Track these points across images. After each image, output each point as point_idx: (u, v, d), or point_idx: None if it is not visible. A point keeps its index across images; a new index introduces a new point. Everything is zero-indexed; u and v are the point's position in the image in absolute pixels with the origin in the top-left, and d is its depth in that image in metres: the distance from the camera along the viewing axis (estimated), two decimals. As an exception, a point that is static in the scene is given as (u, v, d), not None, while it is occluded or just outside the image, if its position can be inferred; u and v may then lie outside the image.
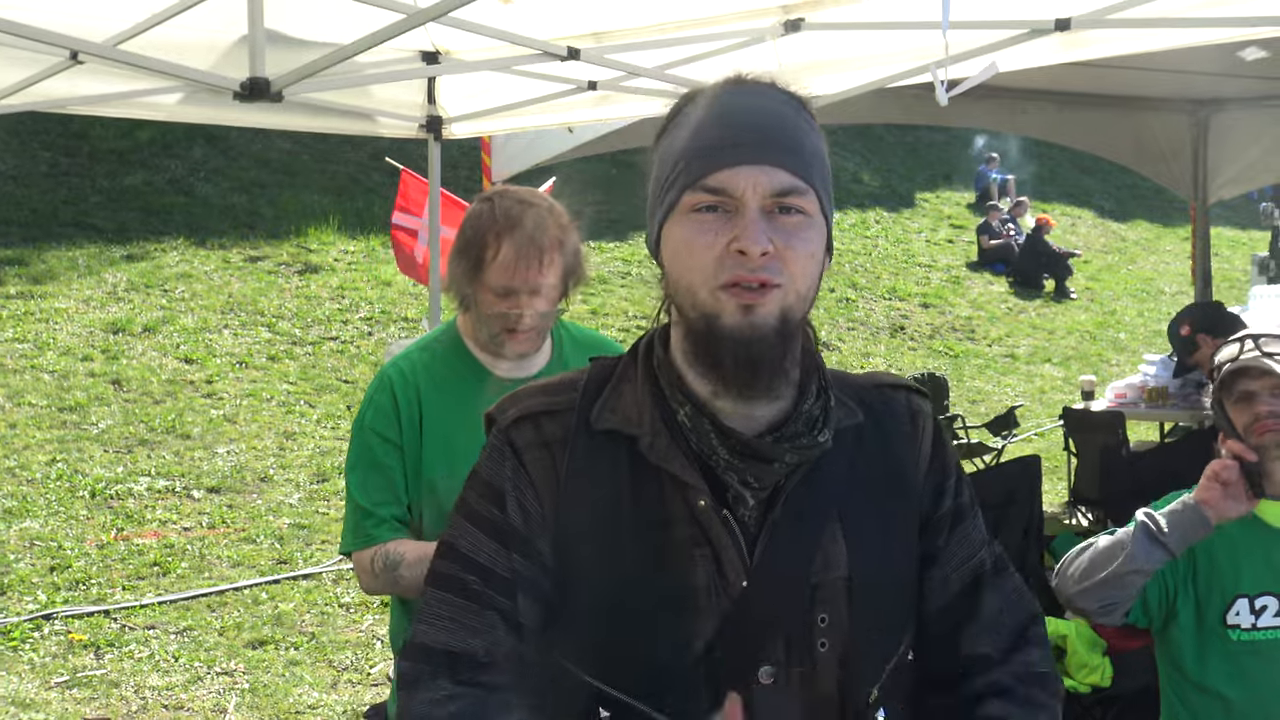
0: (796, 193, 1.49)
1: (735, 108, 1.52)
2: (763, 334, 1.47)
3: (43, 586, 7.34)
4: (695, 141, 1.51)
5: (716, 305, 1.47)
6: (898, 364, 14.93)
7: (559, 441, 1.58)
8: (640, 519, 1.53)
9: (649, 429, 1.55)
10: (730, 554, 1.53)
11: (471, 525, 1.60)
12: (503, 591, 1.55)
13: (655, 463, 1.54)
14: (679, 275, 1.52)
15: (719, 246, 1.47)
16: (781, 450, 1.52)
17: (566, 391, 1.63)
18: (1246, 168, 8.97)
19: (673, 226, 1.52)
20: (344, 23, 4.10)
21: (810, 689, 1.56)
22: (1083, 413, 8.93)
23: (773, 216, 1.48)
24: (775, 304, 1.47)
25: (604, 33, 4.36)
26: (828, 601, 1.56)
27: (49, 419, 9.93)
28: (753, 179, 1.47)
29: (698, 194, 1.49)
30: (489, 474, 1.60)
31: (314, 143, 15.94)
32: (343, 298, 13.31)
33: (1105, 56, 4.32)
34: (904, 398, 1.71)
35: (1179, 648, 2.77)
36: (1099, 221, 23.19)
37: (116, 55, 3.70)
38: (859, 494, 1.60)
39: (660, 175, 1.55)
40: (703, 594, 1.52)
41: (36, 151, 14.20)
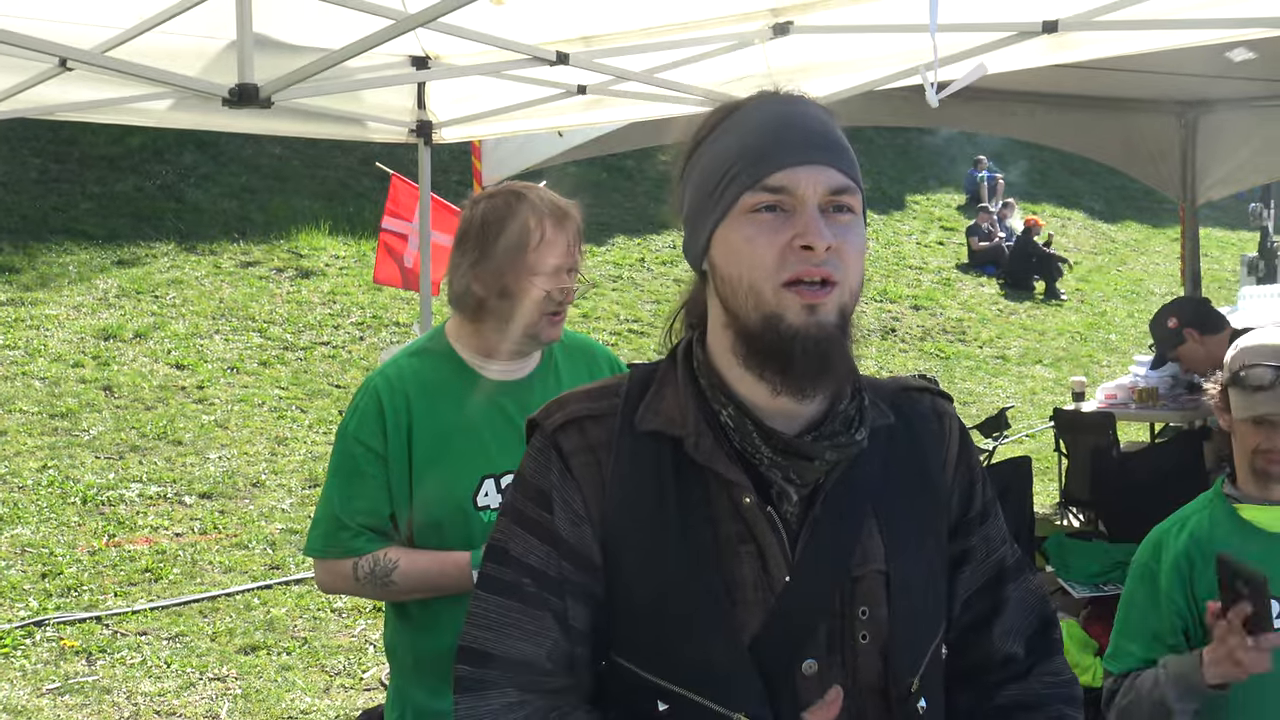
0: (848, 192, 1.55)
1: (785, 114, 1.58)
2: (828, 332, 1.52)
3: (34, 593, 7.33)
4: (751, 145, 1.55)
5: (780, 304, 1.51)
6: (889, 366, 14.94)
7: (604, 445, 1.62)
8: (686, 518, 1.58)
9: (693, 429, 1.59)
10: (774, 550, 1.57)
11: (521, 529, 1.64)
12: (555, 593, 1.60)
13: (701, 462, 1.58)
14: (739, 275, 1.54)
15: (781, 243, 1.51)
16: (822, 448, 1.57)
17: (609, 397, 1.67)
18: (1235, 169, 9.00)
19: (729, 228, 1.56)
20: (333, 28, 4.10)
21: (853, 680, 1.60)
22: (1073, 414, 8.94)
23: (828, 215, 1.53)
24: (835, 302, 1.52)
25: (593, 37, 4.37)
26: (867, 595, 1.61)
27: (40, 425, 9.91)
28: (812, 178, 1.52)
29: (758, 194, 1.53)
30: (536, 478, 1.64)
31: (304, 148, 15.93)
32: (334, 303, 13.30)
33: (1093, 58, 4.33)
34: (929, 400, 1.78)
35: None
36: (1089, 223, 23.24)
37: (105, 63, 3.70)
38: (893, 492, 1.65)
39: (710, 180, 1.58)
40: (749, 589, 1.57)
41: (27, 158, 14.18)
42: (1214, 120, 8.77)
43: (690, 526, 1.58)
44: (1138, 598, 2.78)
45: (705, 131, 1.62)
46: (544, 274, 2.74)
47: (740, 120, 1.59)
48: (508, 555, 1.63)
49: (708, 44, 4.23)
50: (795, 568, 1.58)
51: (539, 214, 2.75)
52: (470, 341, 2.86)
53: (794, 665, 1.58)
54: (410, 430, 2.76)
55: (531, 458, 1.67)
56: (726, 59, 4.30)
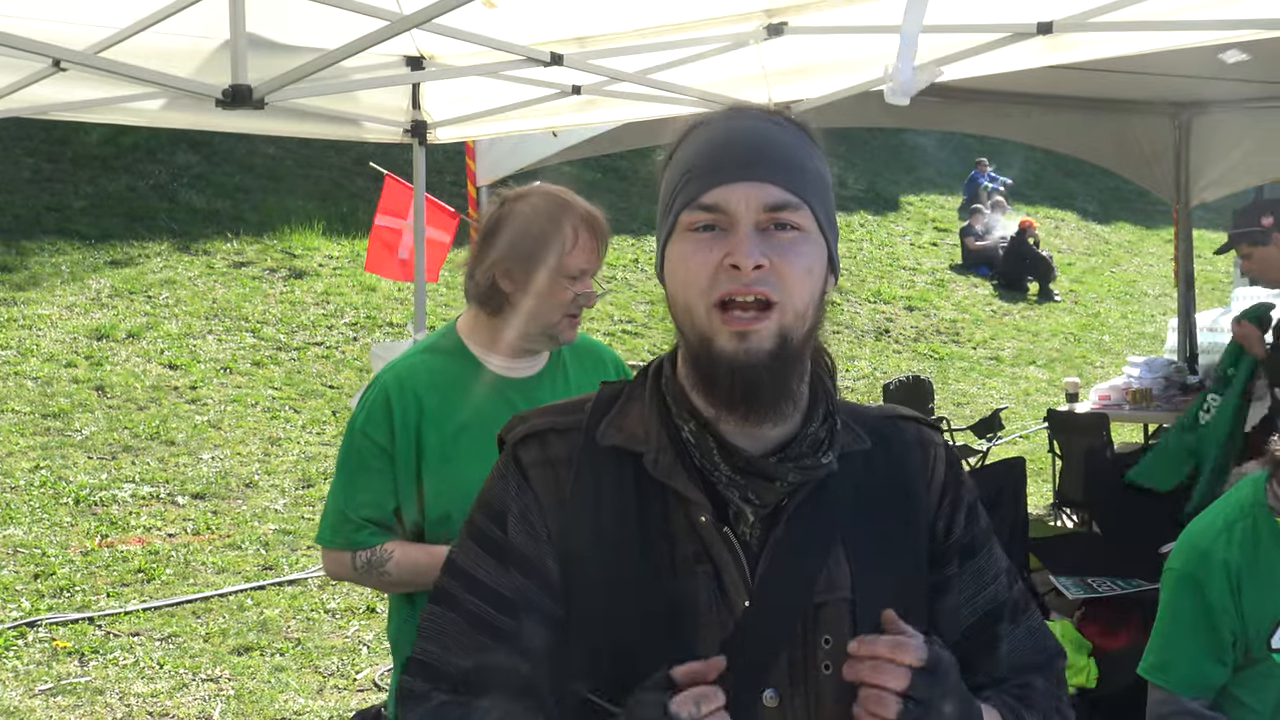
0: (790, 208, 1.50)
1: (733, 130, 1.55)
2: (758, 359, 1.48)
3: (26, 594, 7.32)
4: (694, 163, 1.54)
5: (711, 327, 1.49)
6: (883, 367, 14.95)
7: (564, 461, 1.60)
8: (644, 535, 1.55)
9: (654, 445, 1.57)
10: (732, 571, 1.54)
11: (474, 544, 1.62)
12: (503, 610, 1.57)
13: (659, 478, 1.55)
14: (677, 293, 1.53)
15: (713, 262, 1.49)
16: (784, 469, 1.54)
17: (575, 411, 1.65)
18: (1229, 170, 9.01)
19: (673, 247, 1.55)
20: (328, 28, 4.09)
21: (815, 712, 1.55)
22: (1067, 415, 8.96)
23: (768, 233, 1.49)
24: (772, 325, 1.49)
25: (587, 38, 4.37)
26: (831, 623, 1.56)
27: (32, 425, 9.90)
28: (745, 195, 1.49)
29: (695, 213, 1.51)
30: (492, 493, 1.63)
31: (298, 148, 15.92)
32: (327, 303, 13.29)
33: (1087, 59, 4.34)
34: (914, 429, 1.72)
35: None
36: (1082, 224, 23.27)
37: (98, 63, 3.69)
38: (864, 518, 1.60)
39: (663, 197, 1.59)
40: (705, 610, 1.53)
41: (20, 157, 14.15)
42: (1208, 122, 8.79)
43: (647, 544, 1.54)
44: (1185, 610, 2.72)
45: (673, 147, 1.61)
46: (573, 277, 2.82)
47: (696, 136, 1.58)
48: (457, 569, 1.62)
49: (702, 45, 4.23)
50: (754, 592, 1.54)
51: (577, 219, 2.82)
52: (484, 337, 2.92)
53: (754, 696, 1.53)
54: (419, 427, 2.82)
55: (493, 472, 1.65)
56: (721, 60, 4.30)
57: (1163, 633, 2.77)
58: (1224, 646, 2.67)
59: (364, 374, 11.70)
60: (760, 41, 4.05)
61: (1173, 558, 2.77)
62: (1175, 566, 2.76)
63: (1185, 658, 2.71)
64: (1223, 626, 2.66)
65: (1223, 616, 2.66)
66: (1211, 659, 2.67)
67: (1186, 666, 2.70)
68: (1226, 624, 2.66)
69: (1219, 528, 2.72)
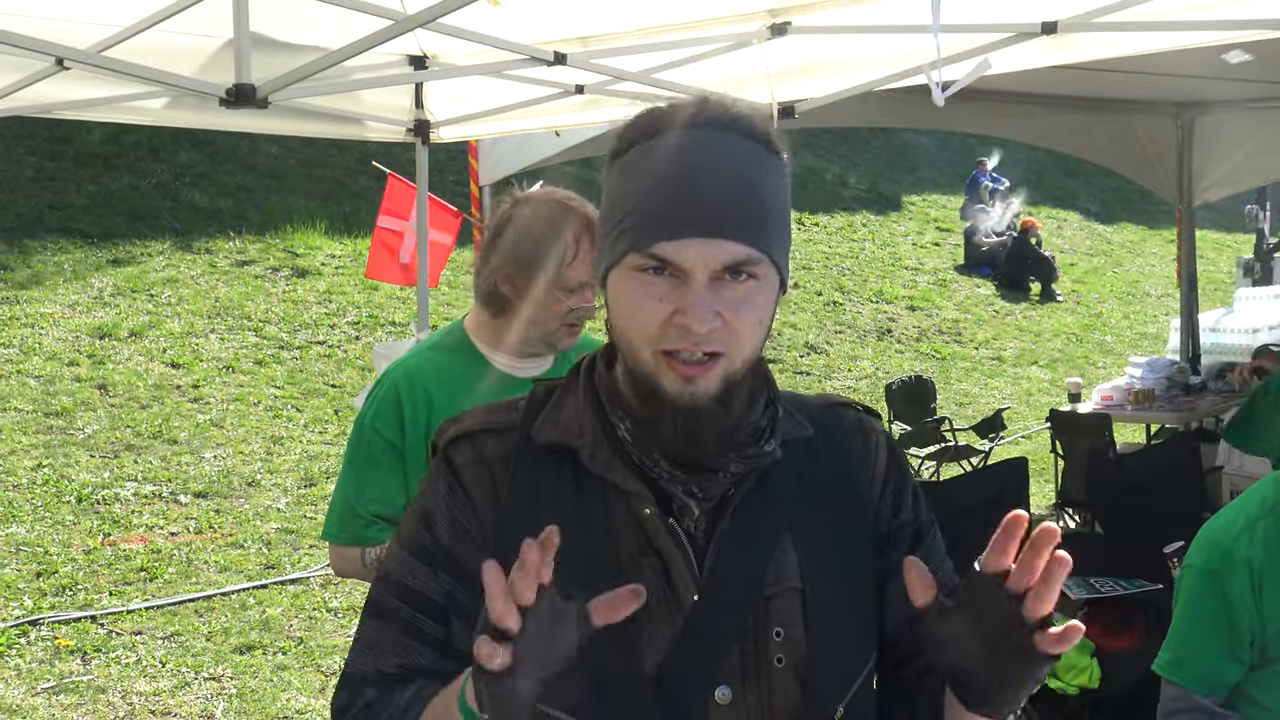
0: (750, 262, 1.42)
1: (694, 165, 1.43)
2: (703, 404, 1.43)
3: (29, 592, 7.32)
4: (648, 200, 1.43)
5: (657, 370, 1.43)
6: (885, 366, 14.95)
7: (499, 460, 1.55)
8: (586, 532, 1.48)
9: (590, 440, 1.52)
10: (679, 565, 1.49)
11: (402, 550, 1.57)
12: (432, 615, 1.52)
13: (597, 472, 1.50)
14: (621, 328, 1.47)
15: (663, 314, 1.41)
16: (726, 460, 1.49)
17: (509, 411, 1.60)
18: (1231, 170, 9.02)
19: (618, 279, 1.46)
20: (331, 28, 4.10)
21: (769, 707, 1.51)
22: (1069, 415, 8.96)
23: (722, 283, 1.41)
24: (719, 373, 1.43)
25: (590, 37, 4.37)
26: (782, 614, 1.53)
27: (35, 424, 9.90)
28: (703, 253, 1.40)
29: (644, 259, 1.42)
30: (422, 497, 1.59)
31: (300, 147, 15.92)
32: (330, 302, 13.29)
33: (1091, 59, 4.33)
34: (854, 416, 1.69)
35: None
36: (1085, 224, 23.26)
37: (101, 62, 3.70)
38: (810, 507, 1.57)
39: (610, 217, 1.47)
40: (653, 605, 1.44)
41: (22, 156, 14.16)
42: (1210, 122, 8.80)
43: (590, 541, 1.48)
44: (1205, 607, 2.69)
45: (624, 146, 1.49)
46: (571, 289, 2.79)
47: (654, 151, 1.45)
48: (387, 578, 1.57)
49: (705, 44, 4.23)
50: (703, 585, 1.49)
51: (580, 227, 2.77)
52: (489, 336, 2.92)
53: (706, 693, 1.49)
54: (429, 424, 2.81)
55: (426, 477, 1.61)
56: (724, 59, 4.30)
57: (1180, 629, 2.75)
58: (1242, 645, 2.66)
59: (366, 373, 11.70)
60: (764, 41, 4.04)
61: (1192, 554, 2.76)
62: (1196, 563, 2.74)
63: (1201, 655, 2.70)
64: (1242, 624, 2.65)
65: (1242, 614, 2.65)
66: (1228, 657, 2.66)
67: (1202, 663, 2.69)
68: (1246, 622, 2.65)
69: (1241, 525, 2.70)
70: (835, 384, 14.18)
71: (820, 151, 21.17)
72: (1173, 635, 2.78)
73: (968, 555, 1.62)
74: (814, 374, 14.40)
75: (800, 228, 18.72)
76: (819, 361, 14.80)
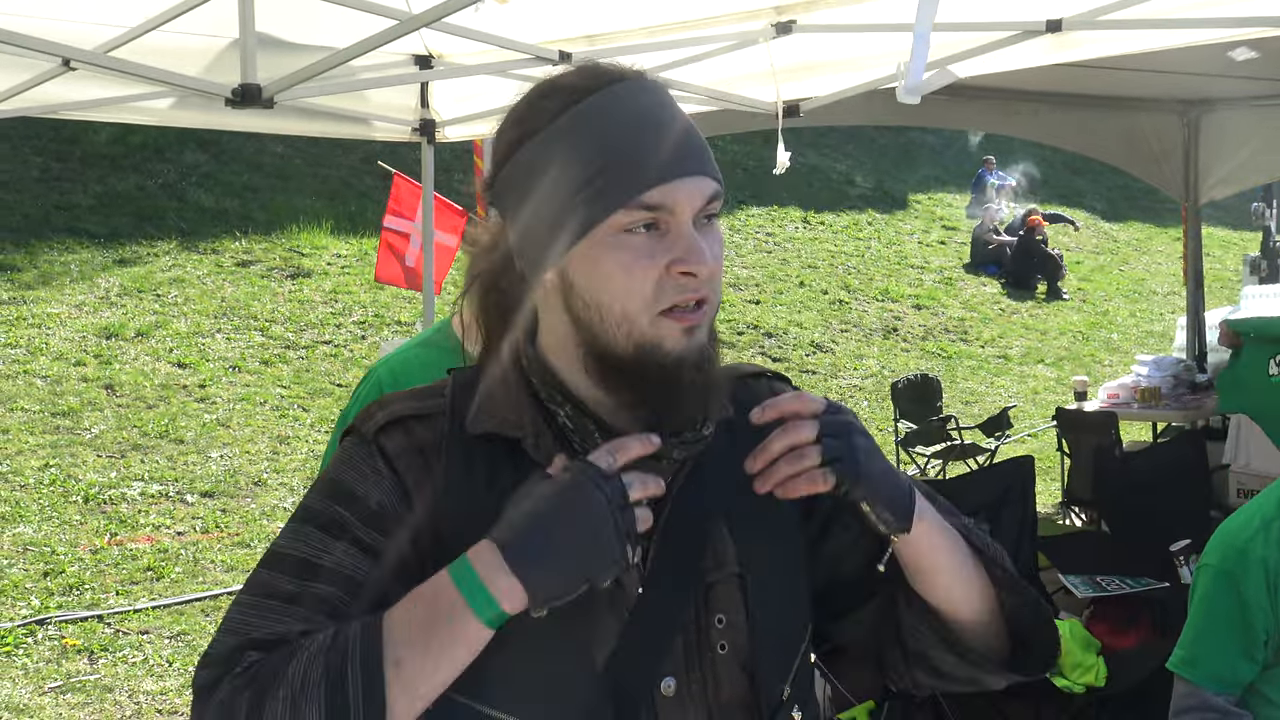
0: (718, 199, 1.43)
1: (650, 112, 1.42)
2: (707, 353, 1.43)
3: (36, 592, 7.33)
4: (620, 152, 1.39)
5: (658, 333, 1.40)
6: (891, 365, 14.94)
7: (432, 447, 1.47)
8: None
9: (531, 429, 1.47)
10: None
11: (299, 524, 1.46)
12: (328, 580, 1.41)
13: (541, 463, 1.43)
14: (609, 302, 1.40)
15: (658, 269, 1.38)
16: (669, 447, 1.44)
17: (434, 397, 1.53)
18: (1237, 168, 9.01)
19: (596, 248, 1.40)
20: (337, 27, 4.10)
21: (714, 696, 1.49)
22: (1076, 413, 8.94)
23: (700, 228, 1.41)
24: (707, 322, 1.43)
25: (596, 36, 4.37)
26: (723, 601, 1.50)
27: (42, 424, 9.92)
28: (690, 193, 1.39)
29: (633, 213, 1.37)
30: (341, 475, 1.47)
31: (306, 146, 15.93)
32: (335, 301, 13.30)
33: (1096, 57, 4.33)
34: (765, 385, 1.67)
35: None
36: (1091, 222, 23.22)
37: (108, 63, 3.70)
38: (739, 488, 1.51)
39: (564, 185, 1.40)
40: (600, 602, 1.42)
41: (28, 156, 14.17)
42: (1216, 119, 8.78)
43: None
44: (1220, 607, 2.70)
45: (540, 121, 1.45)
46: None
47: (593, 114, 1.41)
48: (273, 555, 1.45)
49: (710, 43, 4.23)
50: (648, 578, 1.45)
51: None
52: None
53: (652, 686, 1.45)
54: None
55: (344, 460, 1.49)
56: (729, 58, 4.30)
57: (1194, 627, 2.76)
58: (1256, 644, 2.66)
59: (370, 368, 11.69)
60: (769, 39, 4.04)
61: (1208, 554, 2.77)
62: (1212, 563, 2.75)
63: (1216, 653, 2.71)
64: (1257, 624, 2.66)
65: (1258, 614, 2.66)
66: (1243, 656, 2.67)
67: (1216, 662, 2.70)
68: (1261, 621, 2.66)
69: (1256, 526, 2.71)
70: (841, 382, 14.17)
71: (826, 150, 21.16)
72: (1187, 633, 2.78)
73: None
74: (820, 372, 14.39)
75: (806, 226, 18.71)
76: (825, 360, 14.79)
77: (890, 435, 10.92)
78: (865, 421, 6.43)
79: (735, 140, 18.83)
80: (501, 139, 1.50)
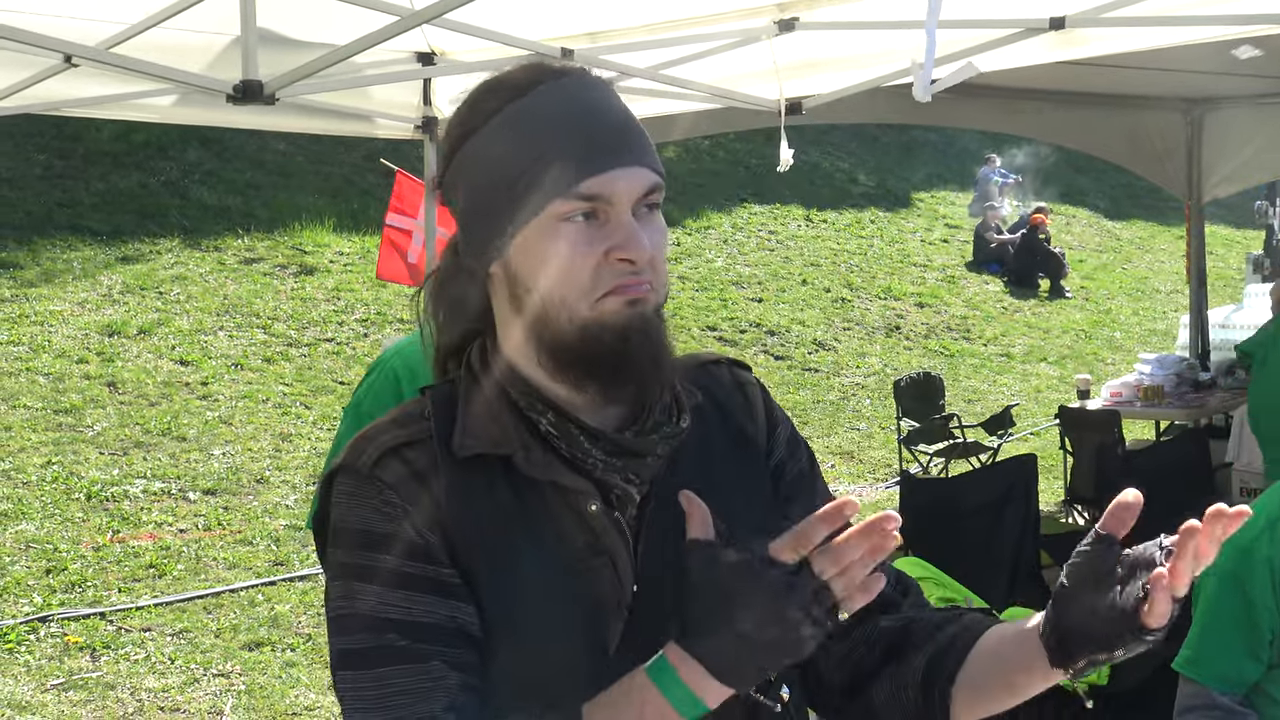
0: (658, 190, 1.44)
1: (588, 104, 1.44)
2: (654, 322, 1.42)
3: (38, 589, 7.34)
4: (557, 142, 1.40)
5: (599, 312, 1.40)
6: (893, 363, 14.93)
7: (431, 470, 1.44)
8: (533, 540, 1.44)
9: (519, 444, 1.45)
10: (623, 559, 1.46)
11: (362, 583, 1.41)
12: (435, 640, 1.39)
13: (536, 476, 1.44)
14: (550, 289, 1.41)
15: (596, 256, 1.39)
16: (652, 442, 1.46)
17: (417, 421, 1.49)
18: (1241, 166, 9.00)
19: (535, 237, 1.41)
20: (338, 24, 4.10)
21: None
22: (1078, 411, 8.94)
23: (641, 219, 1.42)
24: (653, 302, 1.43)
25: (598, 33, 4.36)
26: None
27: (44, 421, 9.92)
28: (629, 183, 1.40)
29: (570, 202, 1.39)
30: (360, 522, 1.43)
31: (308, 144, 15.93)
32: (338, 299, 13.30)
33: (1100, 55, 4.32)
34: (727, 372, 1.67)
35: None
36: (1094, 220, 23.21)
37: (110, 59, 3.70)
38: (715, 476, 1.53)
39: (504, 176, 1.42)
40: (609, 605, 1.44)
41: (31, 154, 14.18)
42: (1220, 117, 8.78)
43: (538, 548, 1.43)
44: (1225, 607, 2.70)
45: (482, 118, 1.45)
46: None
47: (533, 108, 1.42)
48: (358, 618, 1.40)
49: (713, 40, 4.22)
50: (640, 575, 1.46)
51: None
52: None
53: None
54: None
55: (345, 503, 1.45)
56: (732, 55, 4.29)
57: (1200, 626, 2.76)
58: (1261, 643, 2.66)
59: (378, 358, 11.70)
60: (772, 37, 4.03)
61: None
62: (1216, 563, 2.74)
63: (1221, 653, 2.70)
64: (1262, 623, 2.65)
65: (1263, 613, 2.65)
66: (1248, 656, 2.66)
67: (1222, 662, 2.70)
68: (1266, 621, 2.65)
69: (1260, 525, 2.70)
70: (843, 381, 14.16)
71: (828, 148, 21.15)
72: (1193, 633, 2.78)
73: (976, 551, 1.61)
74: (822, 370, 14.38)
75: (808, 224, 18.71)
76: (827, 358, 14.78)
77: (893, 434, 10.91)
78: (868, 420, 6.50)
79: (737, 138, 18.83)
80: (448, 137, 1.50)
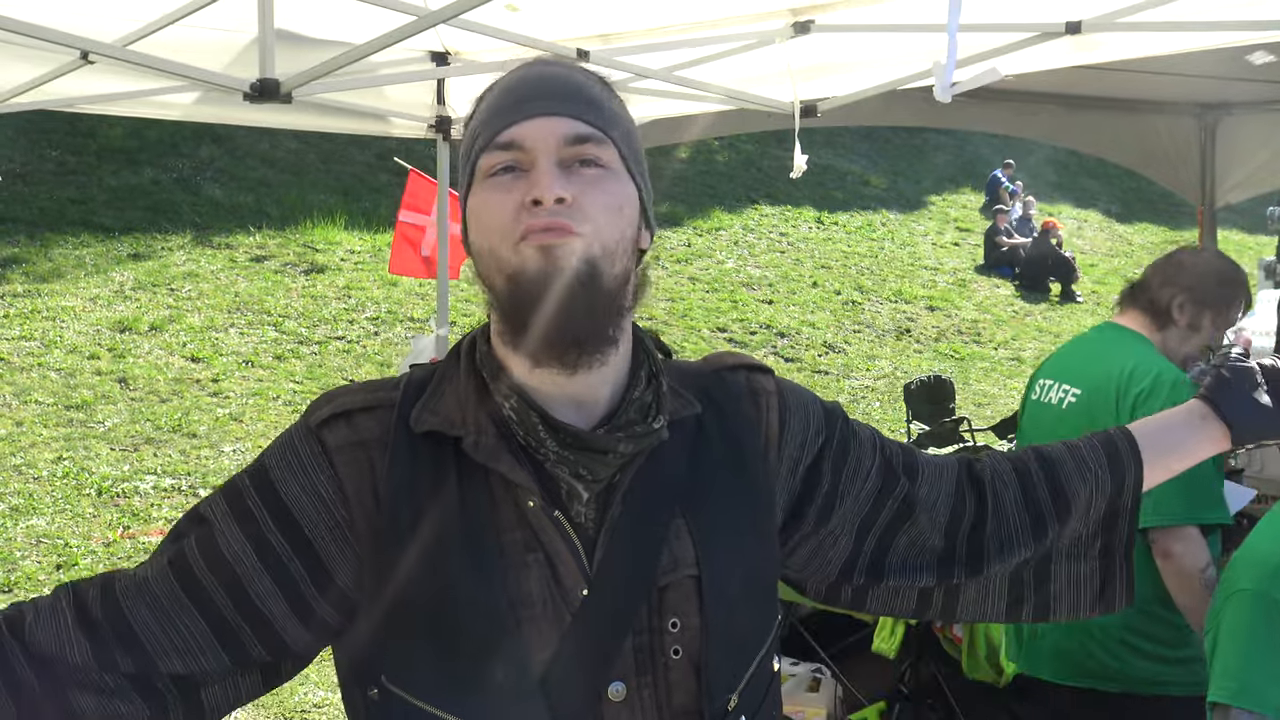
0: (593, 141, 1.43)
1: (530, 73, 1.50)
2: (565, 273, 1.38)
3: (49, 584, 7.35)
4: (491, 107, 1.48)
5: (519, 259, 1.39)
6: (904, 366, 14.92)
7: (377, 441, 1.46)
8: (469, 526, 1.42)
9: (473, 427, 1.45)
10: (566, 559, 1.43)
11: (231, 523, 1.48)
12: (219, 617, 1.47)
13: (480, 462, 1.44)
14: (481, 242, 1.44)
15: (514, 202, 1.40)
16: (615, 440, 1.43)
17: (385, 390, 1.52)
18: (1254, 172, 8.97)
19: (474, 198, 1.46)
20: (354, 23, 4.10)
21: (665, 702, 1.46)
22: (1089, 416, 8.90)
23: (572, 170, 1.41)
24: (579, 248, 1.39)
25: (612, 34, 4.37)
26: (677, 604, 1.47)
27: (55, 417, 9.94)
28: (544, 129, 1.42)
29: (493, 155, 1.43)
30: (277, 465, 1.49)
31: (321, 142, 15.96)
32: (349, 297, 13.32)
33: (1115, 60, 4.32)
34: (743, 378, 1.64)
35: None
36: (1105, 224, 23.17)
37: (127, 56, 3.70)
38: (703, 487, 1.51)
39: (464, 153, 1.50)
40: (539, 605, 1.41)
41: (44, 150, 14.22)
42: (1234, 123, 8.74)
43: (473, 535, 1.42)
44: (1260, 630, 2.63)
45: (475, 107, 1.54)
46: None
47: (499, 88, 1.50)
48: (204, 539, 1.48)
49: (728, 42, 4.22)
50: (593, 579, 1.42)
51: None
52: None
53: (598, 690, 1.42)
54: None
55: (282, 446, 1.49)
56: (747, 57, 4.29)
57: (1238, 654, 2.67)
58: None
59: (384, 368, 11.73)
60: (786, 39, 4.03)
61: (1240, 578, 2.68)
62: (1246, 587, 2.67)
63: (1271, 679, 2.64)
64: None
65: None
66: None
67: (1274, 689, 2.64)
68: None
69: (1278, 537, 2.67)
70: (853, 383, 14.15)
71: (841, 150, 21.13)
72: (1230, 661, 2.70)
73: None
74: (832, 373, 14.37)
75: (819, 226, 18.70)
76: (837, 361, 14.77)
77: (903, 437, 10.90)
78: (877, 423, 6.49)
79: (749, 140, 18.83)
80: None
